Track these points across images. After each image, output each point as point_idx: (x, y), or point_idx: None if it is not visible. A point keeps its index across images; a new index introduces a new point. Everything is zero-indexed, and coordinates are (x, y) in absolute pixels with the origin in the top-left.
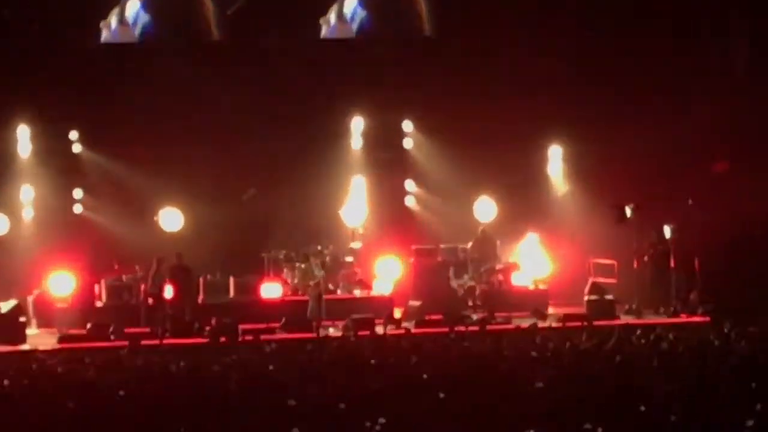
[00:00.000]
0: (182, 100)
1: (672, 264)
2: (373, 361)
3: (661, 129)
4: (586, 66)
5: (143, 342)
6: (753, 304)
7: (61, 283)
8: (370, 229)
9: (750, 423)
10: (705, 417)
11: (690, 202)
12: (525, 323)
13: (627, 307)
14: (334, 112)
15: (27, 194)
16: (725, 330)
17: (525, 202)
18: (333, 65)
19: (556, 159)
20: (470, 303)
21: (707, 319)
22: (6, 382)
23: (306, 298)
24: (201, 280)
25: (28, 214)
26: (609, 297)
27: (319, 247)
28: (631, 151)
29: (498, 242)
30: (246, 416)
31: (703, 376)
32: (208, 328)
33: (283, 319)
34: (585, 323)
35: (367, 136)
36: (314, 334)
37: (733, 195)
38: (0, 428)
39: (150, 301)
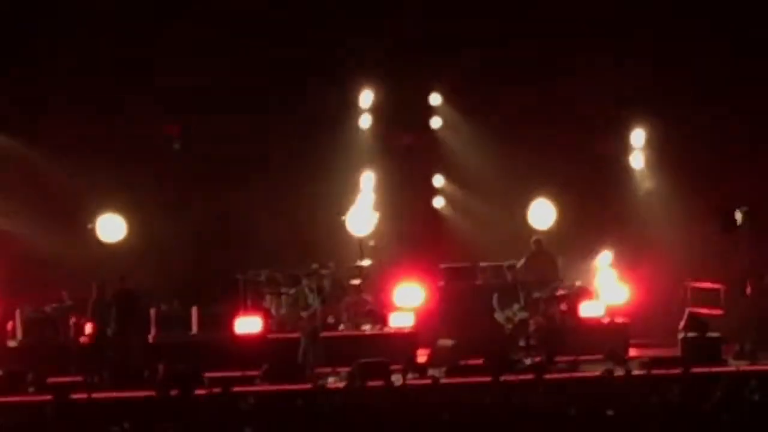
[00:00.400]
0: (125, 61)
1: None
2: (388, 422)
3: None
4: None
5: (73, 395)
6: None
7: None
8: (384, 241)
9: None
10: None
11: None
12: (597, 370)
13: (738, 348)
14: (336, 83)
15: None
16: None
17: (597, 205)
18: (331, 14)
19: (639, 147)
20: (522, 342)
21: None
22: None
23: (296, 335)
24: (153, 311)
25: None
26: (713, 334)
27: (314, 266)
28: (743, 135)
29: (560, 259)
30: None
31: None
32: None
33: (265, 365)
34: (679, 370)
35: (379, 113)
36: (308, 385)
37: None
38: None
39: (84, 339)
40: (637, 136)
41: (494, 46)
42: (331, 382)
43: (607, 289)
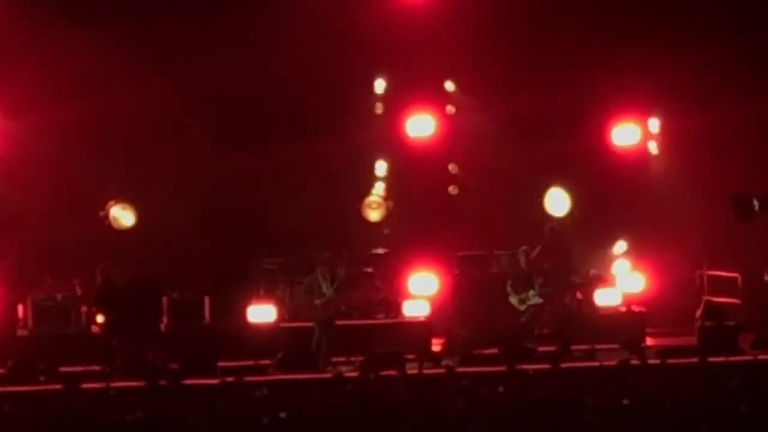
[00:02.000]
0: (134, 42)
1: None
2: (403, 412)
3: None
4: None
5: (85, 385)
6: None
7: None
8: (398, 228)
9: None
10: None
11: None
12: (613, 359)
13: (756, 336)
14: (352, 69)
15: None
16: None
17: (612, 193)
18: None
19: (655, 135)
20: (537, 331)
21: None
22: None
23: (310, 324)
24: (165, 299)
25: None
26: (730, 323)
27: (328, 254)
28: (760, 123)
29: (575, 248)
30: None
31: None
32: (173, 365)
33: (279, 354)
34: (697, 359)
35: (394, 100)
36: (321, 375)
37: None
38: None
39: (95, 328)
40: (653, 125)
41: (508, 36)
42: (345, 371)
43: (623, 277)
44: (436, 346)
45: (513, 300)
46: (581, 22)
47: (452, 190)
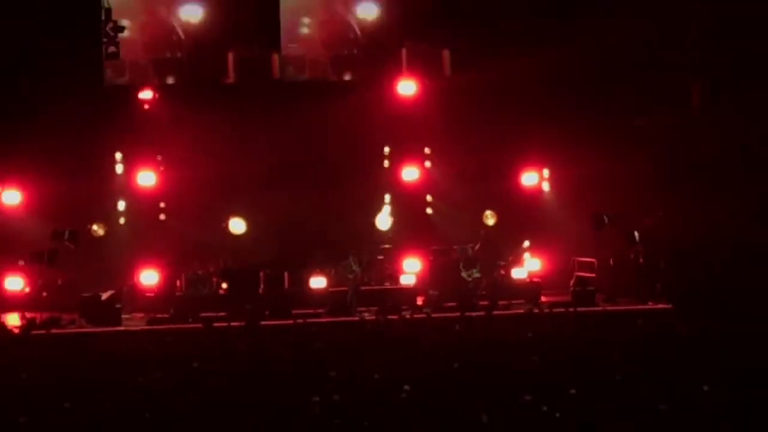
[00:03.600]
0: (240, 128)
1: (641, 261)
2: (400, 340)
3: (628, 157)
4: (572, 105)
5: (215, 324)
6: (705, 295)
7: (149, 277)
8: (397, 233)
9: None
10: (668, 384)
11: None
12: (522, 309)
13: (604, 296)
14: (372, 141)
15: (121, 207)
16: (685, 316)
17: (521, 212)
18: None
19: (546, 179)
20: (478, 293)
21: (670, 306)
22: (106, 355)
23: (345, 288)
24: (261, 274)
25: (122, 222)
26: (590, 288)
27: (355, 249)
28: (606, 172)
29: (499, 244)
30: (294, 384)
31: (665, 354)
32: (266, 313)
33: (327, 306)
34: (570, 309)
35: (395, 159)
36: (352, 318)
37: (688, 209)
38: (101, 390)
39: (221, 291)
40: (545, 172)
41: (461, 120)
42: (366, 316)
43: (527, 261)
44: (420, 301)
45: (464, 274)
46: (503, 111)
47: (429, 211)
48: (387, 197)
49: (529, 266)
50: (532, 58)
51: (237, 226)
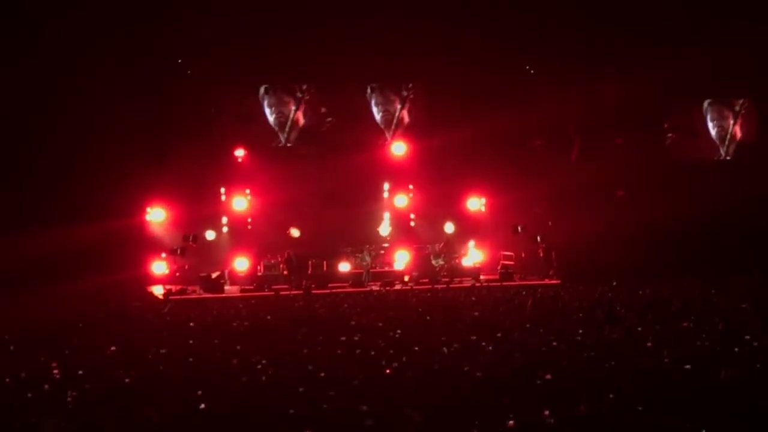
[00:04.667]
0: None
1: (541, 254)
2: (394, 302)
3: (533, 189)
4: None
5: (282, 293)
6: (579, 274)
7: (241, 264)
8: (393, 237)
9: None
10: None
11: (549, 224)
12: (468, 283)
13: (519, 276)
14: (376, 179)
15: (224, 221)
16: (566, 287)
17: (468, 225)
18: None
19: (484, 203)
20: (441, 274)
21: (558, 281)
22: (214, 312)
23: (361, 271)
24: (309, 262)
25: (224, 231)
26: (511, 270)
27: (366, 246)
28: (520, 199)
29: (455, 243)
30: (330, 328)
31: (554, 308)
32: (313, 285)
33: (350, 281)
34: (498, 283)
35: (391, 191)
36: (365, 289)
37: (569, 221)
38: (210, 331)
39: (284, 272)
40: (483, 199)
41: (437, 167)
42: (374, 288)
43: (472, 253)
44: (406, 279)
45: (433, 262)
46: (458, 162)
47: (413, 224)
48: (386, 214)
49: (473, 257)
50: (476, 128)
51: (295, 232)
